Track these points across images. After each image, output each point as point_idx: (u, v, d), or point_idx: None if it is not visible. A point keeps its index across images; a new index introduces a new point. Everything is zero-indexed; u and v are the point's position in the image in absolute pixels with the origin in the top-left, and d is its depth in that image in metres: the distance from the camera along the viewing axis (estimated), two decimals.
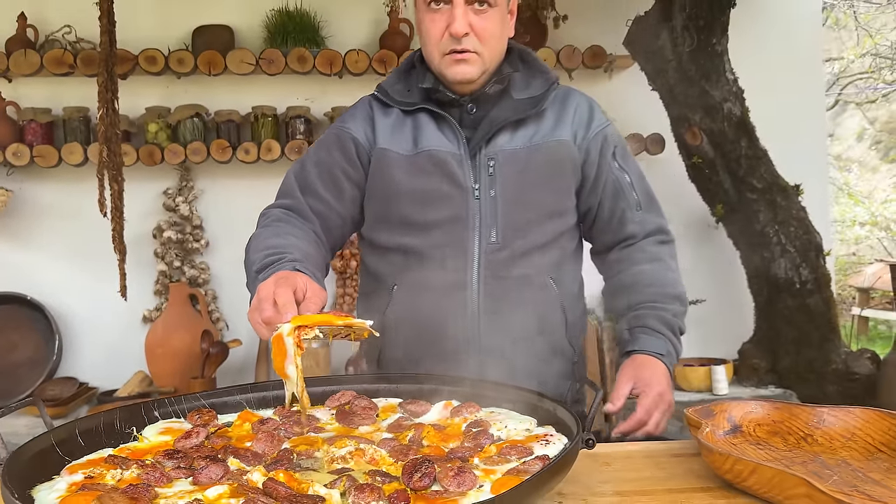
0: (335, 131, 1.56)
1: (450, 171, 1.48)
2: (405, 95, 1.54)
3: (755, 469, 0.96)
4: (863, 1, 10.12)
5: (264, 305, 1.18)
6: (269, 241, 1.44)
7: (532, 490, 0.82)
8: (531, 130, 1.50)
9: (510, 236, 1.48)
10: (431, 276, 1.49)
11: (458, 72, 1.46)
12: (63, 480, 0.97)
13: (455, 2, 1.41)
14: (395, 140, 1.51)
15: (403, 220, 1.51)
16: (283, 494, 0.88)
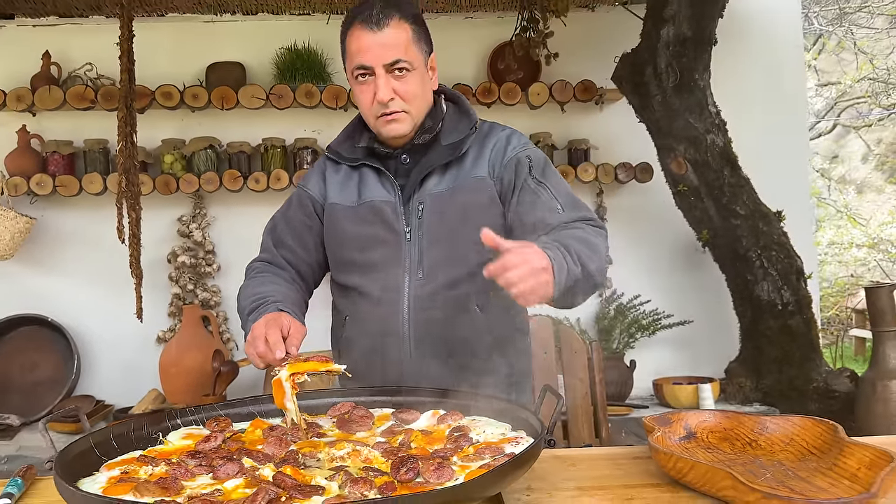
0: (297, 191, 1.80)
1: (386, 219, 1.67)
2: (351, 152, 1.73)
3: (693, 466, 1.12)
4: (861, 27, 10.33)
5: (258, 342, 1.45)
6: (255, 290, 1.68)
7: (497, 478, 0.98)
8: (454, 172, 1.67)
9: (433, 272, 1.65)
10: (372, 309, 1.68)
11: (390, 129, 1.64)
12: (103, 475, 1.14)
13: (377, 73, 1.59)
14: (342, 194, 1.72)
15: (350, 263, 1.72)
16: (290, 485, 1.04)
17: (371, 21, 1.59)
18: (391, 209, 1.67)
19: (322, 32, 3.67)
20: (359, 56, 1.60)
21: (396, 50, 1.59)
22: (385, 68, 1.59)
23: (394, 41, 1.59)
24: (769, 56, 3.84)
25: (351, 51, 1.63)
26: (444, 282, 1.65)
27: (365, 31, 1.59)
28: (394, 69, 1.60)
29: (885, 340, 3.00)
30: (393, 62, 1.59)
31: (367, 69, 1.60)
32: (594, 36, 3.72)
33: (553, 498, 1.14)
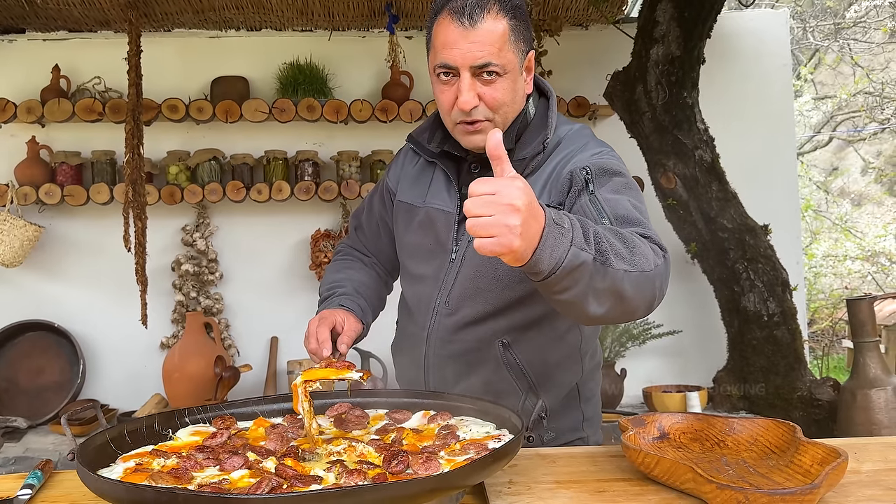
0: (384, 178, 1.74)
1: (437, 230, 1.54)
2: (431, 144, 1.59)
3: (658, 461, 1.22)
4: (858, 41, 10.47)
5: (309, 340, 1.51)
6: (331, 276, 1.70)
7: (478, 469, 1.08)
8: None
9: (459, 303, 1.53)
10: (409, 323, 1.67)
11: (470, 141, 1.46)
12: (119, 466, 1.24)
13: (462, 75, 1.39)
14: (411, 190, 1.61)
15: (405, 269, 1.68)
16: (291, 475, 1.14)
17: (464, 13, 1.37)
18: (445, 221, 1.52)
19: (323, 48, 3.79)
20: (443, 52, 1.39)
21: (488, 51, 1.37)
22: (472, 71, 1.38)
23: (487, 40, 1.37)
24: (757, 74, 3.96)
25: (435, 45, 1.42)
26: (471, 316, 1.53)
27: (454, 23, 1.37)
28: (482, 73, 1.39)
29: (865, 351, 3.10)
30: (482, 65, 1.38)
31: (451, 69, 1.40)
32: (587, 54, 3.84)
33: (532, 490, 1.24)
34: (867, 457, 1.41)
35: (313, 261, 3.71)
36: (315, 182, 3.63)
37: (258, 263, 3.80)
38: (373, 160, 3.71)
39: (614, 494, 1.22)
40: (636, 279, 1.21)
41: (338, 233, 3.75)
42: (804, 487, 1.06)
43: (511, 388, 1.58)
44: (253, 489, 1.06)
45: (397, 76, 3.71)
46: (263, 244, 3.80)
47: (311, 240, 3.74)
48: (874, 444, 1.52)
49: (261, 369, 3.74)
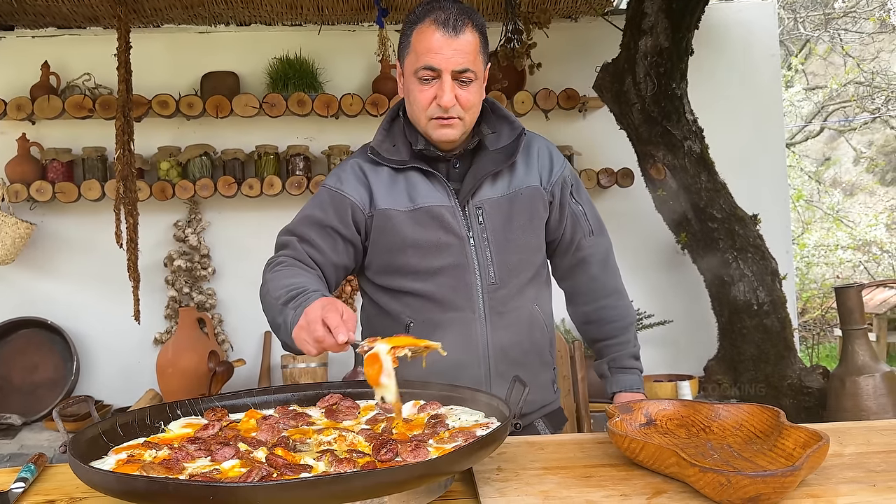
0: (329, 193, 1.73)
1: (446, 223, 1.67)
2: (393, 153, 1.71)
3: (643, 446, 1.24)
4: (848, 31, 10.50)
5: (315, 326, 1.37)
6: (288, 281, 1.60)
7: (465, 455, 1.10)
8: (506, 179, 1.72)
9: (505, 276, 1.71)
10: (443, 315, 1.69)
11: (442, 134, 1.65)
12: (111, 458, 1.25)
13: (444, 78, 1.59)
14: (392, 198, 1.68)
15: (411, 269, 1.70)
16: (281, 464, 1.16)
17: (448, 24, 1.59)
18: (450, 214, 1.68)
19: (313, 42, 3.80)
20: (428, 56, 1.59)
21: (467, 58, 1.60)
22: (452, 74, 1.59)
23: (466, 49, 1.60)
24: (745, 65, 3.98)
25: (418, 49, 1.61)
26: (516, 285, 1.72)
27: (439, 32, 1.59)
28: (460, 77, 1.60)
29: (853, 338, 3.12)
30: (462, 70, 1.60)
31: (434, 71, 1.59)
32: (576, 46, 3.86)
33: (520, 476, 1.26)
34: (850, 440, 1.43)
35: None
36: (306, 176, 3.64)
37: (250, 258, 3.77)
38: None
39: (600, 479, 1.24)
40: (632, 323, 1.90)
41: None
42: (785, 469, 1.08)
43: (546, 345, 1.81)
44: (243, 478, 1.07)
45: (387, 70, 3.72)
46: (255, 239, 3.80)
47: None
48: (858, 427, 1.54)
49: (254, 364, 3.75)
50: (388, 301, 1.76)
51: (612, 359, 1.87)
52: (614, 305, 1.88)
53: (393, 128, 1.76)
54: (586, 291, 1.88)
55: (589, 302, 1.88)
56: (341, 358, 3.76)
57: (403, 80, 1.70)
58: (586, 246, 1.85)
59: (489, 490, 1.20)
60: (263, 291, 1.65)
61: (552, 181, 1.77)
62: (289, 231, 1.77)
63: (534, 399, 1.79)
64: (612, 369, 1.87)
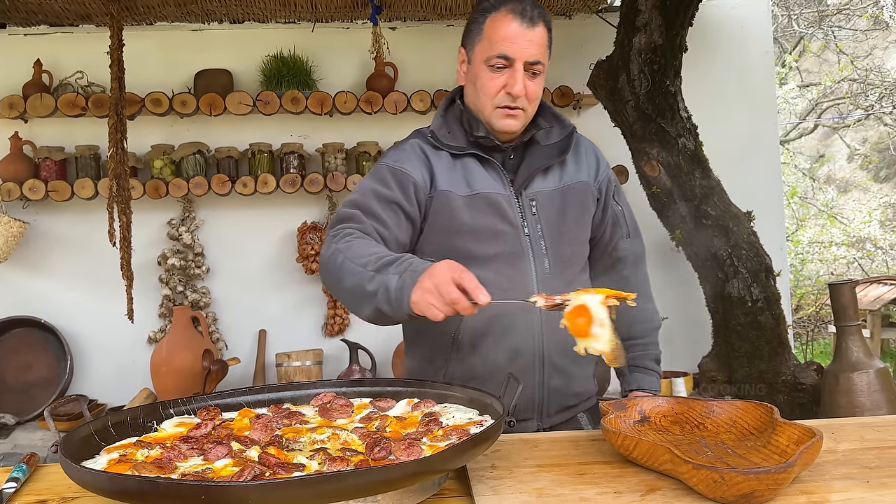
0: (391, 169, 1.70)
1: (502, 211, 1.69)
2: (450, 139, 1.73)
3: (637, 443, 1.24)
4: (842, 28, 10.53)
5: (448, 288, 1.34)
6: (370, 249, 1.54)
7: (459, 453, 1.10)
8: (557, 173, 1.75)
9: (559, 267, 1.73)
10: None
11: (506, 124, 1.67)
12: (103, 457, 1.25)
13: (516, 67, 1.62)
14: (452, 182, 1.69)
15: (468, 254, 1.67)
16: (274, 463, 1.16)
17: (525, 16, 1.61)
18: (506, 202, 1.69)
19: (307, 40, 3.79)
20: (504, 45, 1.61)
21: (539, 51, 1.63)
22: (525, 65, 1.62)
23: (540, 41, 1.63)
24: (739, 62, 3.98)
25: (493, 37, 1.63)
26: (569, 276, 1.74)
27: (517, 22, 1.61)
28: (532, 68, 1.63)
29: (847, 335, 3.13)
30: (534, 62, 1.63)
31: (508, 60, 1.62)
32: (571, 43, 3.85)
33: (513, 474, 1.26)
34: (844, 437, 1.43)
35: (300, 253, 3.72)
36: (300, 174, 3.63)
37: (245, 257, 3.80)
38: (358, 152, 3.71)
39: (594, 477, 1.24)
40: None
41: (324, 225, 3.75)
42: (778, 466, 1.08)
43: None
44: (235, 477, 1.07)
45: (381, 67, 3.71)
46: (250, 237, 3.80)
47: (298, 232, 3.74)
48: (851, 424, 1.54)
49: (249, 362, 3.74)
50: None
51: (634, 358, 1.88)
52: (642, 307, 1.87)
53: (448, 115, 1.78)
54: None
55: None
56: (336, 355, 3.75)
57: (468, 68, 1.72)
58: (623, 248, 1.88)
59: (483, 488, 1.19)
60: (338, 260, 1.55)
61: (599, 179, 1.82)
62: (353, 203, 1.70)
63: (579, 391, 1.82)
64: (631, 367, 1.88)
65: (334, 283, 1.57)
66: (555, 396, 1.73)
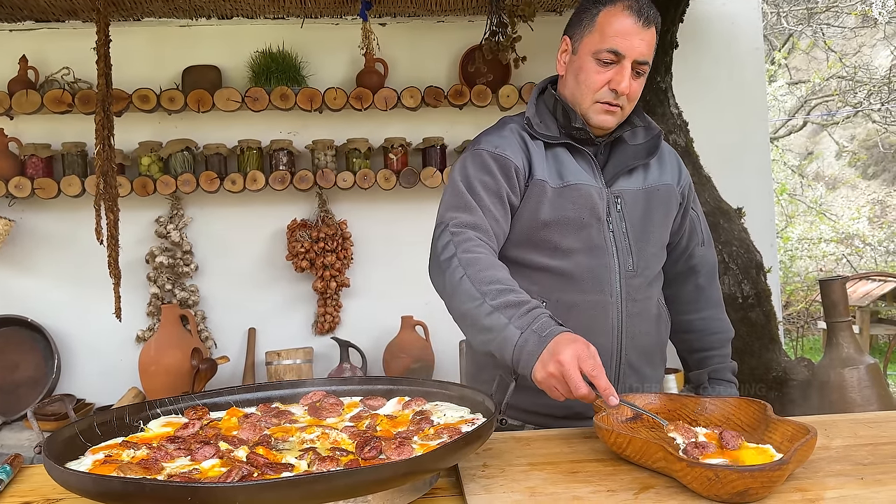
0: (493, 155, 1.66)
1: (592, 204, 1.65)
2: (543, 129, 1.70)
3: (630, 441, 1.23)
4: (830, 25, 10.56)
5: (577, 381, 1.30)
6: (491, 273, 1.50)
7: (450, 452, 1.08)
8: (641, 174, 1.73)
9: (642, 265, 1.70)
10: (579, 296, 1.66)
11: (603, 120, 1.65)
12: (88, 458, 1.23)
13: (624, 64, 1.59)
14: (546, 172, 1.67)
15: (549, 245, 1.66)
16: (262, 463, 1.14)
17: (641, 14, 1.59)
18: (598, 194, 1.67)
19: (296, 36, 3.76)
20: (617, 40, 1.59)
21: (648, 52, 1.62)
22: (633, 64, 1.60)
23: (650, 41, 1.61)
24: (730, 58, 3.98)
25: (607, 31, 1.60)
26: (650, 276, 1.72)
27: (632, 19, 1.59)
28: (639, 67, 1.62)
29: (838, 331, 3.13)
30: (643, 61, 1.61)
31: (618, 56, 1.59)
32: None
33: (505, 473, 1.24)
34: (837, 433, 1.42)
35: (290, 251, 3.69)
36: (290, 171, 3.61)
37: (234, 254, 3.77)
38: (348, 148, 3.68)
39: (587, 475, 1.22)
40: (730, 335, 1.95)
41: (314, 222, 3.72)
42: (773, 463, 1.07)
43: (665, 341, 1.82)
44: (223, 478, 1.05)
45: (371, 63, 3.69)
46: (239, 235, 3.77)
47: (287, 230, 3.71)
48: (844, 420, 1.54)
49: (239, 361, 3.72)
50: (520, 279, 1.60)
51: (714, 370, 1.87)
52: (718, 317, 1.89)
53: (540, 104, 1.75)
54: (691, 300, 1.88)
55: (693, 311, 1.87)
56: (327, 353, 3.73)
57: (572, 58, 1.68)
58: (698, 255, 1.86)
59: (475, 487, 1.18)
60: (457, 275, 1.51)
61: (682, 184, 1.80)
62: (467, 191, 1.64)
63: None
64: (712, 381, 1.86)
65: (447, 296, 1.55)
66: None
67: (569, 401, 1.39)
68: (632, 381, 1.71)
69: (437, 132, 3.75)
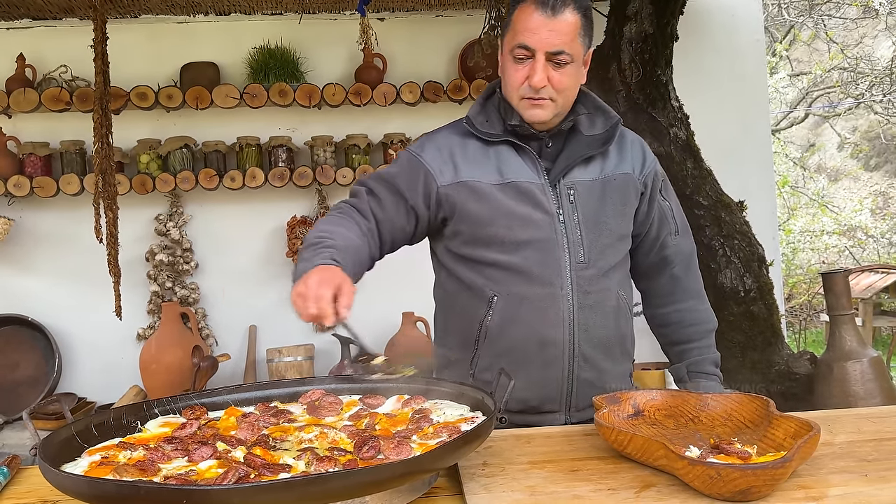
0: (408, 157, 1.74)
1: (535, 199, 1.66)
2: (486, 126, 1.71)
3: (631, 438, 1.22)
4: (832, 16, 10.51)
5: (308, 304, 1.41)
6: (325, 226, 1.63)
7: (449, 452, 1.07)
8: (599, 164, 1.71)
9: (594, 257, 1.68)
10: (529, 289, 1.66)
11: (532, 114, 1.64)
12: (85, 460, 1.22)
13: (537, 58, 1.58)
14: (480, 171, 1.67)
15: (497, 240, 1.66)
16: (259, 464, 1.13)
17: (548, 4, 1.57)
18: (539, 190, 1.66)
19: (294, 32, 3.74)
20: (524, 35, 1.59)
21: (563, 40, 1.58)
22: (547, 56, 1.58)
23: (563, 30, 1.57)
24: (731, 50, 3.95)
25: (516, 27, 1.62)
26: (604, 268, 1.70)
27: (538, 12, 1.58)
28: (555, 58, 1.58)
29: (840, 324, 3.12)
30: (556, 52, 1.58)
31: (528, 50, 1.59)
32: None
33: (505, 471, 1.23)
34: (840, 429, 1.41)
35: (290, 248, 3.68)
36: (289, 168, 3.59)
37: (234, 252, 3.76)
38: (347, 145, 3.67)
39: (588, 473, 1.21)
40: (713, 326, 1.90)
41: (314, 219, 3.71)
42: (776, 461, 1.05)
43: (628, 334, 1.79)
44: (219, 480, 1.04)
45: (370, 59, 3.67)
46: (238, 232, 3.76)
47: (287, 227, 3.70)
48: (847, 415, 1.52)
49: (239, 358, 3.71)
50: (470, 274, 1.71)
51: (693, 363, 1.83)
52: (696, 308, 1.85)
53: (488, 103, 1.76)
54: (667, 293, 1.85)
55: (669, 303, 1.85)
56: (328, 350, 3.72)
57: (501, 57, 1.70)
58: (671, 244, 1.83)
59: (474, 486, 1.17)
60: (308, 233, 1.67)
61: (644, 172, 1.76)
62: (361, 182, 1.76)
63: (615, 388, 1.76)
64: (691, 374, 1.83)
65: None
66: (585, 389, 1.68)
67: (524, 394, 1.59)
68: (588, 374, 1.68)
69: (436, 127, 3.72)
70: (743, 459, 1.15)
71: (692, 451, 1.20)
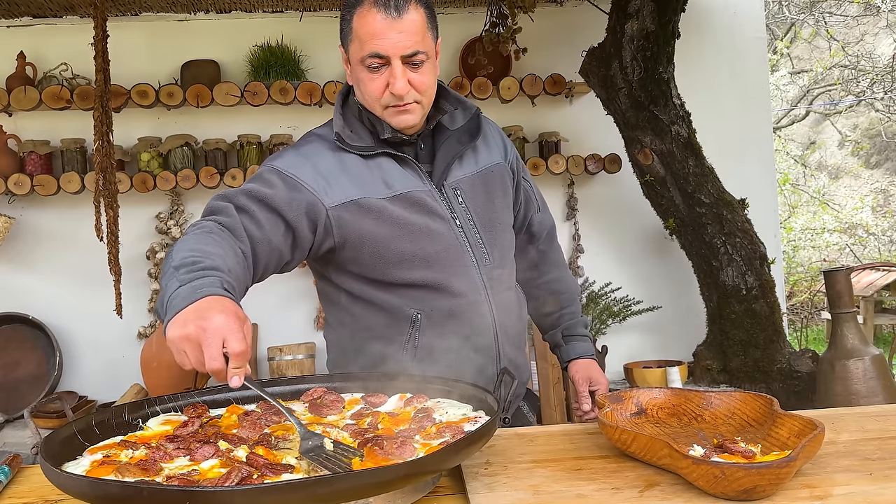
0: (280, 176, 1.53)
1: (429, 207, 1.58)
2: (356, 140, 1.59)
3: (635, 437, 1.21)
4: (832, 14, 10.50)
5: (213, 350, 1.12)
6: (198, 245, 1.34)
7: (452, 453, 1.06)
8: (472, 158, 1.66)
9: (498, 254, 1.66)
10: (451, 302, 1.60)
11: (401, 121, 1.55)
12: (86, 459, 1.21)
13: (394, 64, 1.48)
14: (366, 187, 1.55)
15: (406, 256, 1.58)
16: (262, 464, 1.12)
17: (389, 5, 1.46)
18: (430, 197, 1.59)
19: (295, 29, 3.74)
20: (373, 43, 1.46)
21: (415, 39, 1.48)
22: (402, 59, 1.48)
23: (412, 29, 1.48)
24: (732, 48, 3.95)
25: (361, 35, 1.48)
26: (507, 263, 1.71)
27: (381, 15, 1.46)
28: (411, 60, 1.49)
29: (842, 322, 3.11)
30: (411, 53, 1.48)
31: (382, 58, 1.47)
32: (562, 31, 3.82)
33: (508, 470, 1.23)
34: (844, 427, 1.41)
35: None
36: None
37: None
38: None
39: (591, 472, 1.21)
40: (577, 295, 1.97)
41: None
42: (780, 460, 1.05)
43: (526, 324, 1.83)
44: (222, 481, 1.03)
45: None
46: None
47: None
48: (851, 414, 1.52)
49: None
50: (385, 296, 1.61)
51: (566, 327, 1.89)
52: (562, 277, 1.92)
53: (347, 113, 1.63)
54: (534, 265, 1.90)
55: (539, 276, 1.91)
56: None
57: (350, 68, 1.57)
58: (536, 221, 1.87)
59: (478, 486, 1.16)
60: (168, 254, 1.35)
61: (510, 158, 1.76)
62: (224, 197, 1.50)
63: (524, 381, 1.82)
64: (566, 338, 1.89)
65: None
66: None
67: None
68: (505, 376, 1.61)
69: None
70: (747, 458, 1.14)
71: (696, 450, 1.19)
